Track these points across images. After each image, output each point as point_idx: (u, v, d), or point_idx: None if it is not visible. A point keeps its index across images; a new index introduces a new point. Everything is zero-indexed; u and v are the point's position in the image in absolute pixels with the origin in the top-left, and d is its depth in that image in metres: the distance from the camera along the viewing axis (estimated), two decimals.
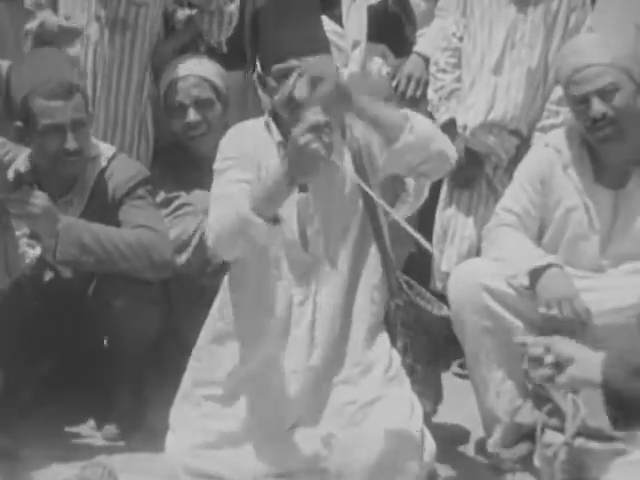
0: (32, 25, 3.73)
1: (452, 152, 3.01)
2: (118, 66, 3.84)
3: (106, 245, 3.23)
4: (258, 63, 3.12)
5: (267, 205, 2.84)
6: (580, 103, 3.18)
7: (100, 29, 3.80)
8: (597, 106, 3.14)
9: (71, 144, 3.31)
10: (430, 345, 3.16)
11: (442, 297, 3.29)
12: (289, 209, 3.05)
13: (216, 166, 3.10)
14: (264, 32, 3.04)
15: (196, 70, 3.83)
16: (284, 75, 2.95)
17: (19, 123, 3.37)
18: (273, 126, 3.11)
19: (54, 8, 3.81)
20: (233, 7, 3.97)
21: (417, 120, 2.95)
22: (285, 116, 3.01)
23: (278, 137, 3.09)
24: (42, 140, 3.34)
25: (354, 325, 3.10)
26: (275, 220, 2.86)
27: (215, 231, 2.94)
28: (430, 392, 3.12)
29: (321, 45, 3.02)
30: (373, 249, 3.13)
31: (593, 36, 3.43)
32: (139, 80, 3.89)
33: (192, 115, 3.77)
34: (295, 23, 2.97)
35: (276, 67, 2.97)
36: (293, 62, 2.94)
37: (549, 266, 3.11)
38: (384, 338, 3.11)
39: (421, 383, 3.09)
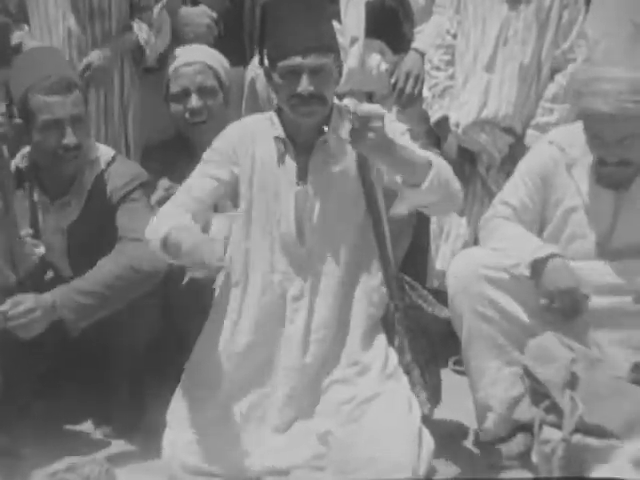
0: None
1: (461, 195, 3.08)
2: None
3: (100, 291, 3.18)
4: (265, 57, 3.11)
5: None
6: (595, 138, 3.11)
7: (79, 21, 3.80)
8: (612, 153, 3.07)
9: (70, 139, 3.30)
10: (429, 346, 3.16)
11: (438, 294, 3.29)
12: (287, 201, 3.07)
13: (204, 155, 3.17)
14: (271, 27, 3.04)
15: (201, 57, 3.85)
16: (290, 72, 2.97)
17: (18, 120, 3.36)
18: (276, 120, 3.13)
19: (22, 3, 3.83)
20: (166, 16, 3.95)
21: (439, 164, 2.94)
22: (288, 110, 3.04)
23: (278, 131, 3.10)
24: (41, 136, 3.33)
25: (352, 325, 3.11)
26: None
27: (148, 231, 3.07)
28: (428, 393, 3.12)
29: (328, 43, 3.03)
30: (374, 251, 3.13)
31: (620, 76, 3.06)
32: (130, 71, 3.91)
33: (194, 101, 3.78)
34: (302, 20, 2.98)
35: (282, 64, 2.98)
36: (298, 59, 2.95)
37: (551, 256, 3.10)
38: (381, 338, 3.12)
39: (418, 384, 3.09)
